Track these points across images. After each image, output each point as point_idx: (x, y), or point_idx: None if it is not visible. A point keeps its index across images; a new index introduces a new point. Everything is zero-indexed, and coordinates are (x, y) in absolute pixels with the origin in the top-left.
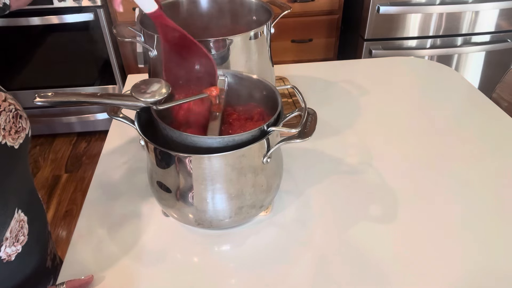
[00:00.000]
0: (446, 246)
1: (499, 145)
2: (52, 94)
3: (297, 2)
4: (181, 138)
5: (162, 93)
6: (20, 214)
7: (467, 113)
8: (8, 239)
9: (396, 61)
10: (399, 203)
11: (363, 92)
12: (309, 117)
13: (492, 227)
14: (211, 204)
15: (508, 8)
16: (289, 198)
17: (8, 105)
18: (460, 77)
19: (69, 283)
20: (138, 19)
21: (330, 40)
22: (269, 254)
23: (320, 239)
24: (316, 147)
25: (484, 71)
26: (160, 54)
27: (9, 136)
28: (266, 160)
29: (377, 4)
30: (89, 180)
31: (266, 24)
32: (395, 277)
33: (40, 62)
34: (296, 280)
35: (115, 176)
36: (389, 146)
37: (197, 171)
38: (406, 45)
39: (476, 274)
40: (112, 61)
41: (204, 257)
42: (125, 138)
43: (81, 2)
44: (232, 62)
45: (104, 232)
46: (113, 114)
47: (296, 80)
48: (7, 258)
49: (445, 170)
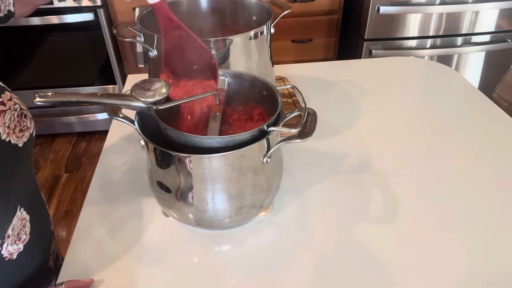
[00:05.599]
0: (446, 246)
1: (499, 145)
2: (52, 94)
3: (297, 2)
4: (181, 138)
5: (162, 93)
6: (22, 212)
7: (467, 113)
8: (10, 236)
9: (396, 61)
10: (399, 203)
11: (363, 92)
12: (309, 117)
13: (492, 227)
14: (211, 204)
15: (508, 8)
16: (289, 198)
17: (13, 104)
18: (460, 77)
19: (68, 283)
20: (138, 19)
21: (330, 40)
22: (269, 254)
23: (320, 239)
24: (316, 147)
25: (484, 71)
26: (160, 54)
27: (13, 134)
28: (266, 160)
29: (377, 4)
30: (89, 180)
31: (266, 24)
32: (395, 277)
33: (40, 62)
34: (296, 280)
35: (115, 176)
36: (389, 146)
37: (197, 171)
38: (406, 45)
39: (476, 273)
40: (112, 61)
41: (204, 257)
42: (125, 138)
43: (81, 2)
44: (232, 62)
45: (104, 232)
46: (113, 114)
47: (296, 80)
48: (9, 257)
49: (445, 170)
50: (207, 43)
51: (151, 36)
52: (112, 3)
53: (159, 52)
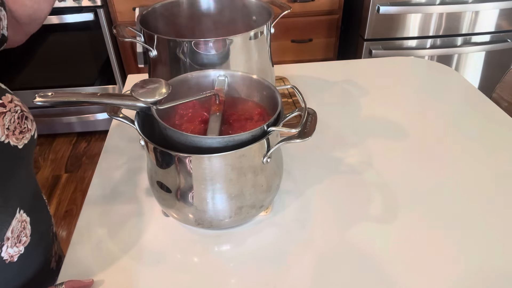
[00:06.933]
0: (446, 246)
1: (499, 145)
2: (52, 94)
3: (297, 2)
4: (181, 138)
5: (162, 93)
6: (22, 214)
7: (467, 113)
8: (10, 239)
9: (396, 61)
10: (399, 203)
11: (363, 92)
12: (309, 117)
13: (492, 227)
14: (211, 204)
15: (508, 8)
16: (289, 198)
17: (14, 106)
18: (460, 77)
19: (68, 284)
20: (138, 19)
21: (330, 40)
22: (269, 254)
23: (320, 239)
24: (316, 147)
25: (484, 71)
26: (160, 54)
27: (12, 136)
28: (266, 160)
29: (377, 4)
30: (89, 180)
31: (266, 24)
32: (395, 277)
33: (40, 62)
34: (296, 280)
35: (115, 176)
36: (389, 146)
37: (197, 171)
38: (406, 45)
39: (476, 273)
40: (112, 61)
41: (204, 257)
42: (125, 138)
43: (81, 2)
44: (232, 62)
45: (104, 232)
46: (113, 114)
47: (296, 80)
48: (10, 259)
49: (445, 170)
50: (207, 43)
51: (151, 36)
52: (112, 3)
53: (159, 52)
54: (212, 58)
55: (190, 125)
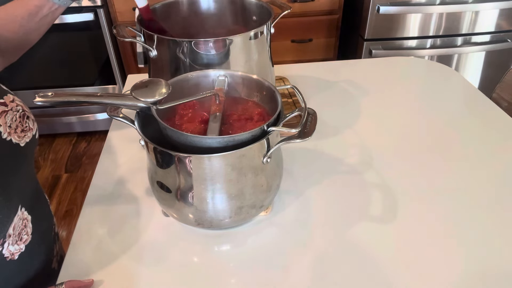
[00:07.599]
0: (446, 246)
1: (499, 145)
2: (52, 94)
3: (297, 2)
4: (181, 138)
5: (162, 93)
6: (23, 212)
7: (467, 113)
8: (11, 236)
9: (396, 61)
10: (399, 203)
11: (363, 92)
12: (309, 117)
13: (492, 227)
14: (211, 204)
15: (508, 8)
16: (289, 198)
17: (15, 105)
18: (460, 77)
19: (68, 284)
20: (138, 19)
21: (330, 40)
22: (269, 254)
23: (320, 239)
24: (316, 147)
25: (484, 71)
26: (160, 54)
27: (14, 134)
28: (266, 160)
29: (377, 4)
30: (89, 180)
31: (266, 24)
32: (395, 277)
33: (40, 62)
34: (296, 280)
35: (115, 176)
36: (389, 146)
37: (197, 171)
38: (406, 45)
39: (476, 273)
40: (112, 61)
41: (204, 257)
42: (125, 138)
43: (81, 2)
44: (232, 62)
45: (104, 232)
46: (113, 114)
47: (296, 80)
48: (11, 257)
49: (445, 170)
50: (207, 43)
51: (151, 36)
52: (112, 3)
53: (159, 52)
54: (212, 58)
55: (190, 125)
